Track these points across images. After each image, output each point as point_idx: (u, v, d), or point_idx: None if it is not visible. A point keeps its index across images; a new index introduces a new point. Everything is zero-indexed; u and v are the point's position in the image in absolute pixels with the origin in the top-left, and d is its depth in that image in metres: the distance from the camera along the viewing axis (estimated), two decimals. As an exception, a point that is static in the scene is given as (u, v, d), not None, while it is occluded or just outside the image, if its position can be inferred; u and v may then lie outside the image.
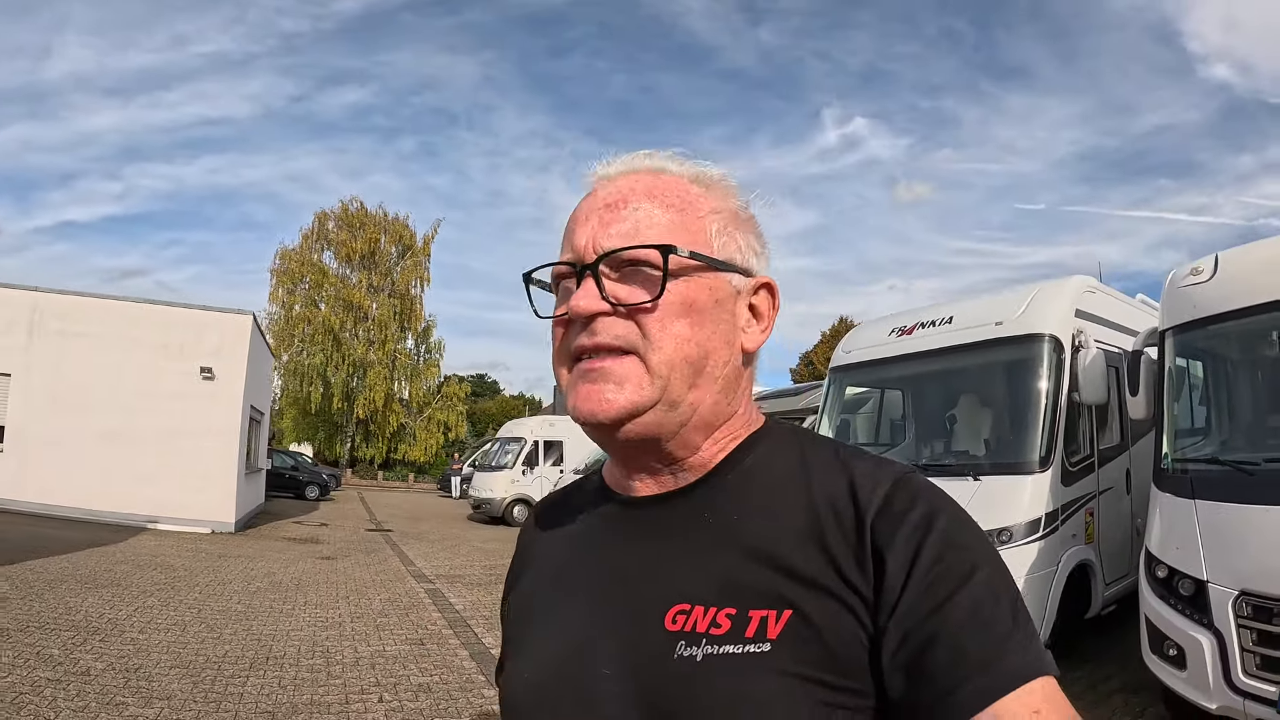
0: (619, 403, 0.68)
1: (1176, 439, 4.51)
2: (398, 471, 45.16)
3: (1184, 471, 4.26)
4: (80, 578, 8.07)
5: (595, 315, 0.69)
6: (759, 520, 0.69)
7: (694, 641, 0.64)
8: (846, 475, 0.68)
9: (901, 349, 6.43)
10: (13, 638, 5.56)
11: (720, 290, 0.72)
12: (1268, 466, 3.86)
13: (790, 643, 0.61)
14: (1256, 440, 4.33)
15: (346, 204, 43.04)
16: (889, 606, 0.60)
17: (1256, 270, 4.13)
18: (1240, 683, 3.54)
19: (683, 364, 0.69)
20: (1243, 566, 3.60)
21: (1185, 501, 4.03)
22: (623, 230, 0.70)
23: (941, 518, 0.64)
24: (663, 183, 0.74)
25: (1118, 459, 6.09)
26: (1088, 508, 5.70)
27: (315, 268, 41.65)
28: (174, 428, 13.95)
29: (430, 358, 45.06)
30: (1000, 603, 0.60)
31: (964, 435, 6.28)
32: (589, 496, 0.84)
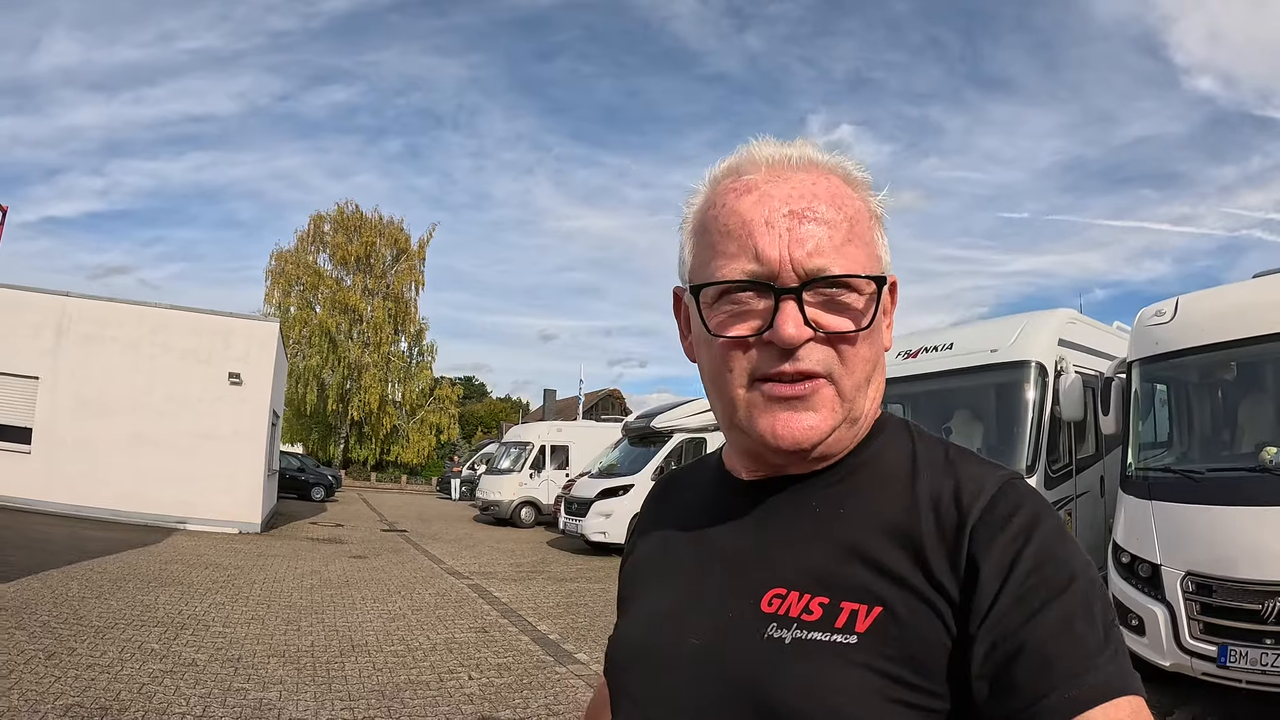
0: (822, 429, 0.69)
1: (1140, 451, 5.52)
2: (390, 473, 45.34)
3: (1144, 478, 5.28)
4: (141, 577, 8.54)
5: (804, 342, 0.68)
6: (861, 514, 0.70)
7: (785, 625, 0.66)
8: (953, 476, 0.68)
9: (908, 370, 7.39)
10: (109, 634, 5.97)
11: (885, 302, 0.73)
12: (1209, 475, 4.89)
13: (876, 638, 0.62)
14: (1203, 454, 5.37)
15: (342, 206, 43.57)
16: (980, 614, 0.60)
17: (1208, 317, 5.12)
18: (1188, 644, 4.54)
19: (864, 383, 0.71)
20: (1188, 553, 4.61)
21: (1144, 502, 5.06)
22: (820, 248, 0.68)
23: (1041, 528, 0.63)
24: (835, 186, 0.72)
25: (1093, 467, 7.10)
26: (1067, 509, 6.68)
27: (311, 270, 42.01)
28: (202, 431, 14.46)
29: (423, 360, 45.52)
30: (1093, 617, 0.59)
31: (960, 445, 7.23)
32: (707, 475, 0.88)
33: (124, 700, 4.56)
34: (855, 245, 0.70)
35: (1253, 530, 4.40)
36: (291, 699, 4.92)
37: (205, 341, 15.09)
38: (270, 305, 41.19)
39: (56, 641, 5.58)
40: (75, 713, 4.29)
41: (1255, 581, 4.30)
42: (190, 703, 4.65)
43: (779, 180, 0.71)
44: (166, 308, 15.62)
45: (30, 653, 5.21)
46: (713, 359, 0.73)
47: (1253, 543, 4.37)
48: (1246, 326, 4.90)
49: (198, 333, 15.20)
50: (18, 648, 5.31)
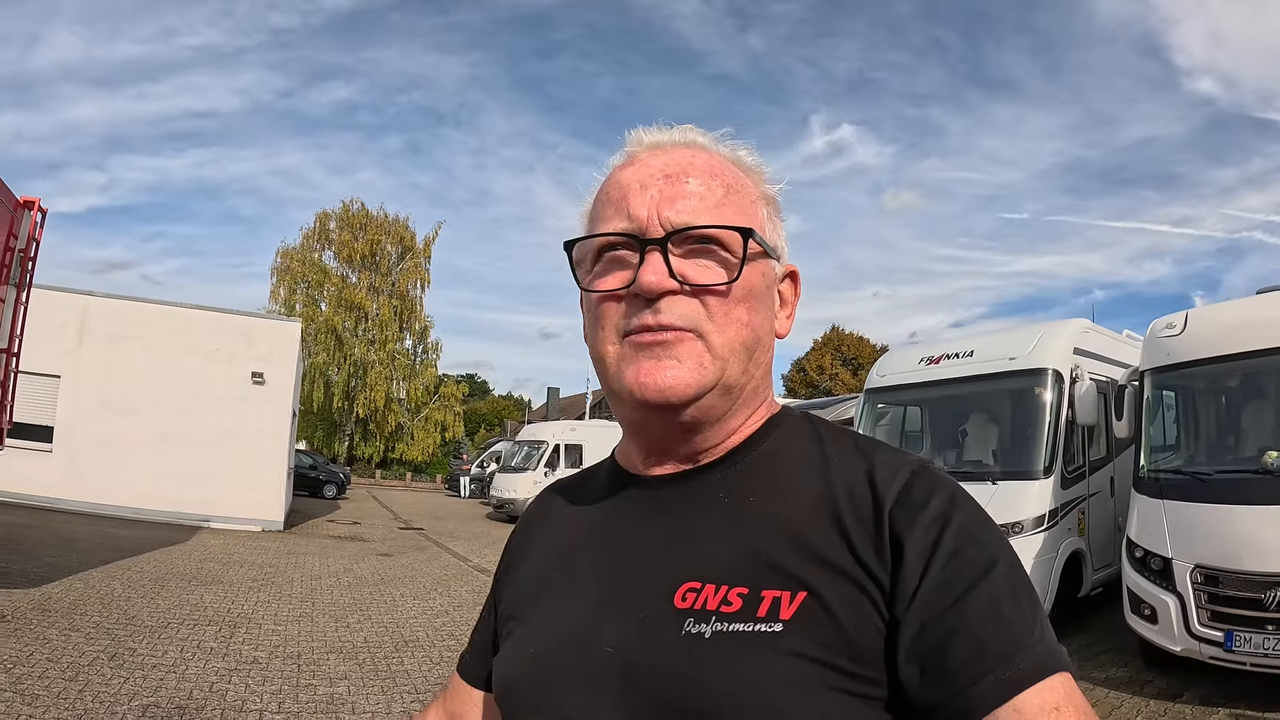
0: (687, 379, 0.67)
1: (1151, 454, 5.95)
2: (395, 470, 45.46)
3: (1156, 479, 5.72)
4: (181, 576, 8.74)
5: (663, 293, 0.67)
6: (776, 502, 0.68)
7: (703, 619, 0.63)
8: (865, 463, 0.68)
9: (931, 376, 7.84)
10: (164, 634, 6.12)
11: (769, 276, 0.73)
12: (1217, 476, 5.32)
13: (804, 625, 0.60)
14: (1210, 456, 5.81)
15: (348, 204, 43.81)
16: (906, 596, 0.60)
17: (1216, 330, 5.56)
18: (1197, 631, 4.97)
19: (740, 349, 0.69)
20: (1197, 548, 5.04)
21: (1156, 501, 5.50)
22: (690, 206, 0.69)
23: (960, 511, 0.63)
24: (716, 161, 0.73)
25: (1104, 469, 7.54)
26: (1080, 507, 7.11)
27: (317, 268, 42.28)
28: (226, 430, 14.68)
29: (427, 358, 45.69)
30: (1018, 598, 0.60)
31: (975, 447, 7.67)
32: (601, 478, 0.84)
33: (197, 699, 4.72)
34: (730, 210, 0.70)
35: (1256, 527, 4.83)
36: (360, 693, 5.12)
37: (228, 341, 15.34)
38: (276, 302, 41.24)
39: (114, 642, 5.75)
40: (153, 712, 4.43)
41: (1258, 573, 4.73)
42: (264, 699, 4.83)
43: (659, 152, 0.73)
44: (189, 307, 15.84)
45: (91, 654, 5.38)
46: (588, 319, 0.74)
47: (1256, 538, 4.81)
48: (1250, 340, 5.33)
49: (220, 332, 15.45)
50: (77, 649, 5.46)
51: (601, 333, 0.72)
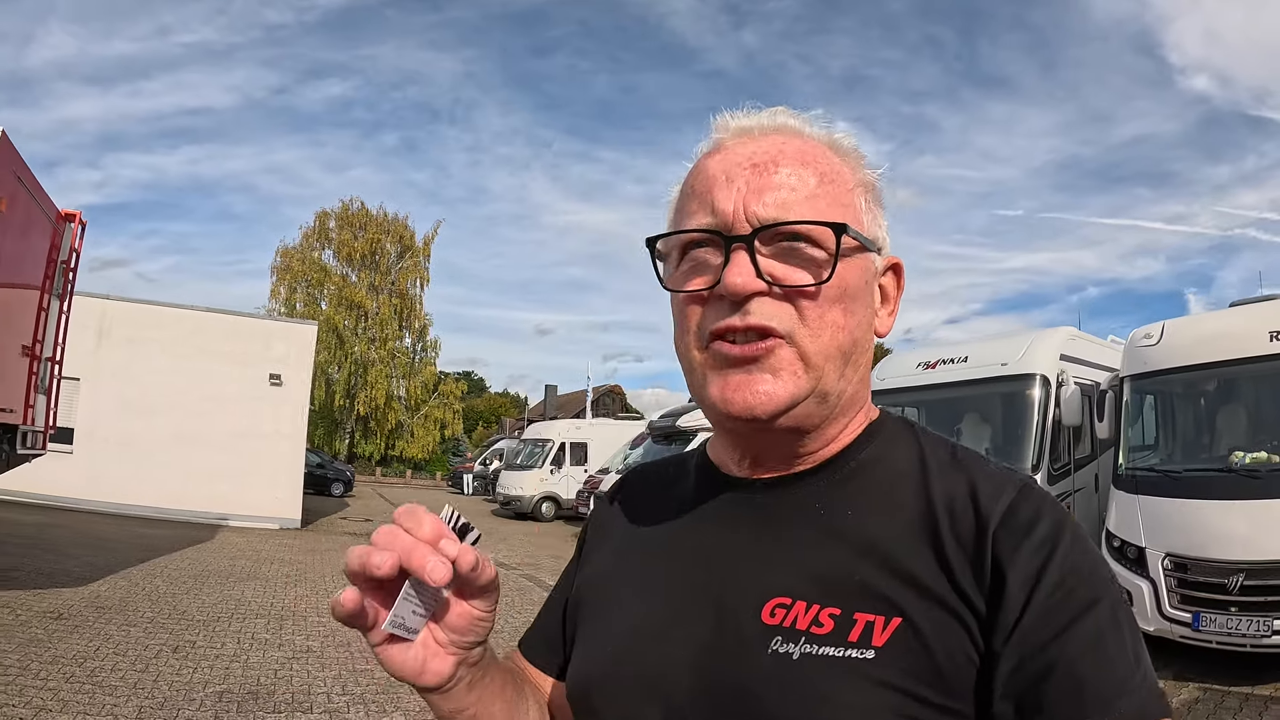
0: (779, 396, 0.63)
1: (1129, 453, 6.54)
2: (395, 468, 45.64)
3: (1133, 476, 6.33)
4: (218, 573, 9.03)
5: (750, 295, 0.63)
6: (872, 517, 0.65)
7: (792, 638, 0.61)
8: (967, 478, 0.65)
9: (928, 379, 8.42)
10: (217, 627, 6.42)
11: (867, 272, 0.69)
12: (1187, 474, 5.94)
13: (896, 652, 0.58)
14: (1182, 456, 6.41)
15: (347, 204, 44.06)
16: (1006, 627, 0.57)
17: (1190, 341, 6.15)
18: (1168, 613, 5.57)
19: (837, 354, 0.65)
20: (1168, 538, 5.65)
21: (1132, 496, 6.11)
22: (780, 199, 0.64)
23: (1066, 537, 0.60)
24: (810, 147, 0.68)
25: (1089, 466, 8.12)
26: (1066, 502, 7.66)
27: (317, 267, 42.57)
28: (243, 430, 15.07)
29: (426, 356, 45.96)
30: (1122, 636, 0.57)
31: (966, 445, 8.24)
32: (690, 472, 0.80)
33: (266, 685, 5.06)
34: (824, 202, 0.65)
35: (1221, 520, 5.43)
36: None
37: (245, 344, 15.75)
38: (276, 301, 41.59)
39: (173, 636, 6.04)
40: (228, 698, 4.75)
41: (1223, 561, 5.32)
42: (326, 684, 5.19)
43: (747, 139, 0.69)
44: (206, 310, 16.20)
45: (155, 647, 5.68)
46: (675, 320, 0.70)
47: (1221, 529, 5.39)
48: (1221, 351, 5.93)
49: (238, 335, 15.88)
50: (140, 643, 5.74)
51: (687, 336, 0.68)
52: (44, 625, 5.95)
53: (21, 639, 5.52)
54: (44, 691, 4.53)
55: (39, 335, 7.71)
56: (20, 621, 5.95)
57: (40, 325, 7.72)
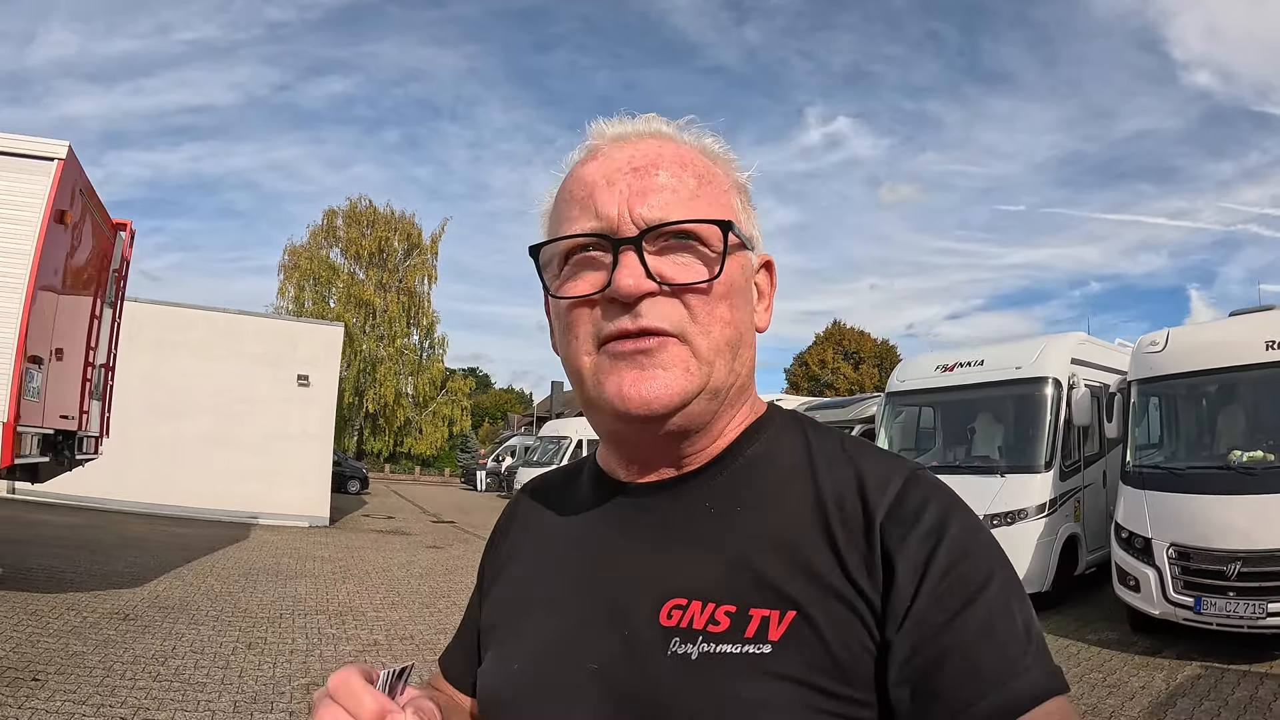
0: (673, 389, 0.64)
1: (1136, 451, 7.07)
2: (404, 464, 46.07)
3: (1139, 472, 6.86)
4: (266, 571, 9.22)
5: (642, 296, 0.64)
6: (763, 513, 0.66)
7: (689, 639, 0.61)
8: (854, 469, 0.65)
9: (946, 382, 8.97)
10: (282, 624, 6.60)
11: (747, 269, 0.71)
12: (1190, 471, 6.46)
13: (793, 646, 0.59)
14: (1185, 455, 6.93)
15: (355, 202, 44.34)
16: (898, 616, 0.58)
17: (1192, 349, 6.67)
18: (1173, 598, 6.09)
19: (725, 348, 0.67)
20: (1172, 529, 6.17)
21: (1139, 491, 6.65)
22: (663, 201, 0.65)
23: (954, 522, 0.61)
24: (684, 151, 0.70)
25: (1098, 463, 8.65)
26: (1076, 497, 8.22)
27: (325, 265, 42.87)
28: (272, 431, 15.30)
29: (434, 353, 46.23)
30: (1014, 615, 0.58)
31: (983, 445, 8.77)
32: (582, 481, 0.81)
33: None
34: (705, 202, 0.67)
35: (1221, 513, 5.95)
36: None
37: (273, 345, 15.96)
38: (284, 300, 41.92)
39: (243, 633, 6.21)
40: (314, 689, 5.12)
41: (1222, 550, 5.85)
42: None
43: (624, 144, 0.70)
44: (234, 313, 16.51)
45: (229, 644, 5.86)
46: (559, 327, 0.71)
47: (1221, 522, 5.92)
48: (1221, 358, 6.46)
49: (265, 337, 16.13)
50: (213, 641, 5.92)
51: (575, 342, 0.68)
52: (114, 626, 6.09)
53: (95, 640, 5.64)
54: (135, 691, 4.67)
55: (93, 342, 8.06)
56: (89, 623, 6.09)
57: (94, 332, 8.07)
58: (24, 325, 6.35)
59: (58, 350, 7.11)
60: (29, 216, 6.40)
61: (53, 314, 6.90)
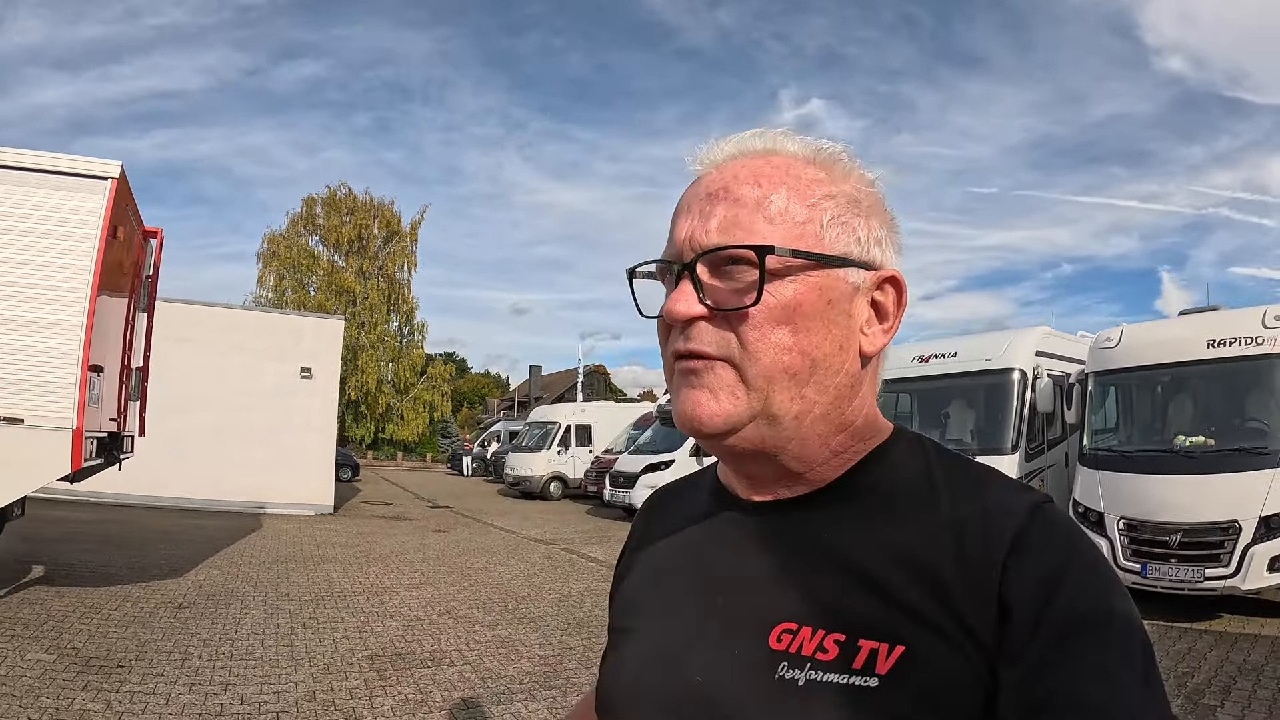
0: (717, 414, 0.65)
1: (1092, 436, 8.07)
2: (385, 451, 46.28)
3: (1094, 455, 7.85)
4: (292, 558, 9.63)
5: (693, 320, 0.66)
6: (879, 541, 0.65)
7: (797, 664, 0.62)
8: (978, 501, 0.64)
9: (921, 371, 9.90)
10: (326, 605, 6.99)
11: (834, 289, 0.66)
12: (1138, 454, 7.44)
13: (899, 681, 0.58)
14: (1135, 439, 7.89)
15: (334, 189, 44.10)
16: (1011, 655, 0.57)
17: (1144, 345, 7.61)
18: (1122, 564, 7.06)
19: (783, 376, 0.65)
20: (1122, 505, 7.15)
21: (1094, 471, 7.63)
22: (723, 224, 0.65)
23: (1075, 561, 0.59)
24: (772, 165, 0.68)
25: (1059, 446, 9.61)
26: (1041, 476, 9.20)
27: (305, 253, 42.79)
28: (277, 423, 15.69)
29: (414, 339, 46.37)
30: (1132, 661, 0.56)
31: (956, 428, 9.68)
32: (703, 493, 0.82)
33: (403, 649, 5.62)
34: (769, 221, 0.65)
35: (1166, 491, 6.92)
36: (517, 634, 6.25)
37: (277, 339, 16.33)
38: (264, 288, 41.83)
39: (293, 615, 6.55)
40: (379, 660, 5.29)
41: (1165, 523, 6.83)
42: (452, 643, 5.86)
43: (716, 169, 0.69)
44: (237, 308, 17.13)
45: (286, 625, 6.21)
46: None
47: (1165, 499, 6.89)
48: (1168, 354, 7.42)
49: (270, 331, 16.50)
50: (269, 623, 6.27)
51: (664, 358, 0.71)
52: (172, 614, 6.38)
53: (160, 628, 5.94)
54: (217, 670, 5.01)
55: (129, 346, 8.54)
56: (147, 613, 6.38)
57: (130, 336, 8.53)
58: (87, 337, 6.76)
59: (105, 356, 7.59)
60: (87, 233, 6.76)
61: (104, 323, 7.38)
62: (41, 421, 6.35)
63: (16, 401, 6.33)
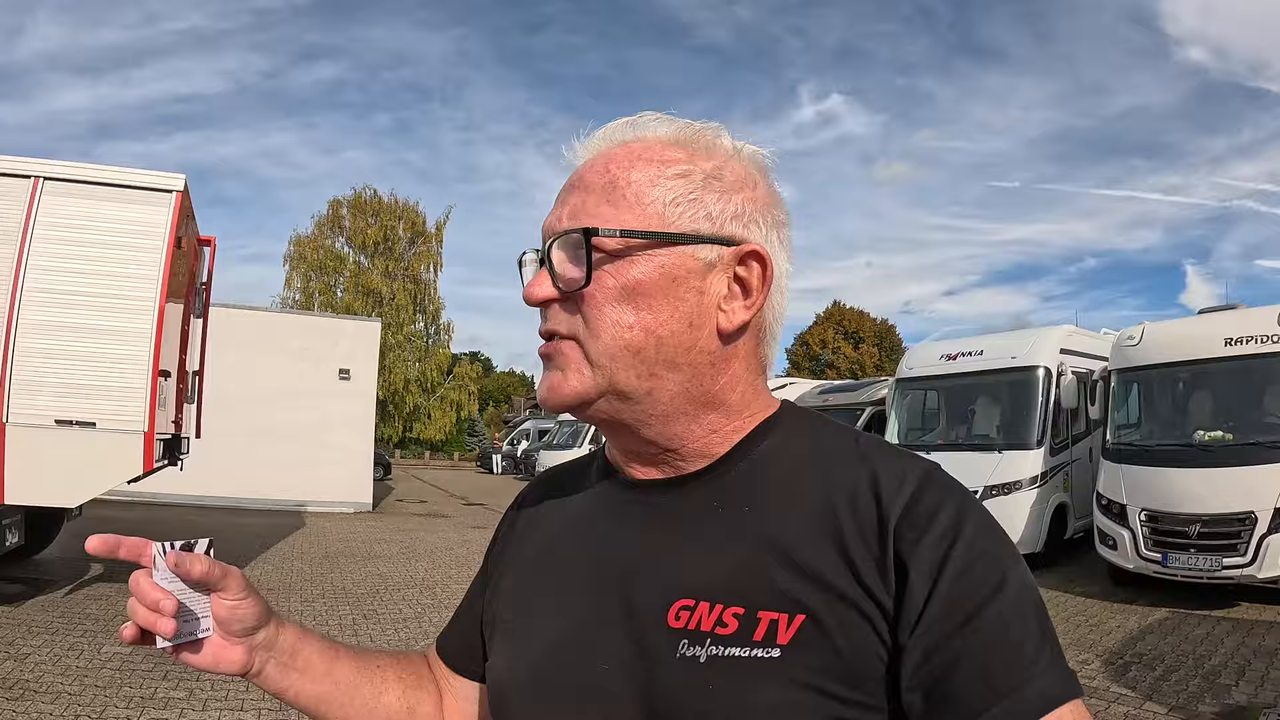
0: (564, 390, 0.66)
1: (1115, 431, 8.32)
2: (413, 450, 46.91)
3: (1117, 449, 8.11)
4: (340, 554, 9.84)
5: (546, 302, 0.68)
6: (772, 513, 0.65)
7: (698, 640, 0.61)
8: (868, 469, 0.64)
9: (949, 369, 10.23)
10: (383, 597, 7.24)
11: (680, 266, 0.66)
12: (1159, 448, 7.69)
13: (801, 650, 0.58)
14: (1155, 434, 8.13)
15: (360, 191, 44.67)
16: (911, 620, 0.57)
17: (1164, 343, 7.89)
18: (1144, 554, 7.33)
19: (624, 353, 0.65)
20: (1143, 497, 7.41)
21: (1116, 465, 7.92)
22: (572, 209, 0.67)
23: (969, 523, 0.60)
24: (628, 151, 0.68)
25: (1084, 441, 9.87)
26: (1065, 471, 9.48)
27: (332, 254, 43.26)
28: (316, 423, 15.94)
29: (440, 339, 46.61)
30: (1027, 619, 0.58)
31: (982, 425, 9.96)
32: (592, 475, 0.80)
33: None
34: (612, 204, 0.66)
35: (1184, 483, 7.17)
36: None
37: (315, 341, 16.65)
38: (291, 290, 42.29)
39: (353, 607, 6.76)
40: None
41: (1185, 513, 7.08)
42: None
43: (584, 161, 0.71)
44: (276, 312, 17.62)
45: (346, 616, 6.42)
46: None
47: (1184, 490, 7.14)
48: (1187, 352, 7.67)
49: (308, 333, 16.89)
50: (331, 614, 6.46)
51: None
52: None
53: None
54: None
55: (187, 351, 8.95)
56: None
57: (188, 341, 8.92)
58: (157, 343, 7.14)
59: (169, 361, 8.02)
60: (155, 244, 7.06)
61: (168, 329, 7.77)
62: (114, 425, 6.67)
63: (89, 406, 6.66)
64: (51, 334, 6.58)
